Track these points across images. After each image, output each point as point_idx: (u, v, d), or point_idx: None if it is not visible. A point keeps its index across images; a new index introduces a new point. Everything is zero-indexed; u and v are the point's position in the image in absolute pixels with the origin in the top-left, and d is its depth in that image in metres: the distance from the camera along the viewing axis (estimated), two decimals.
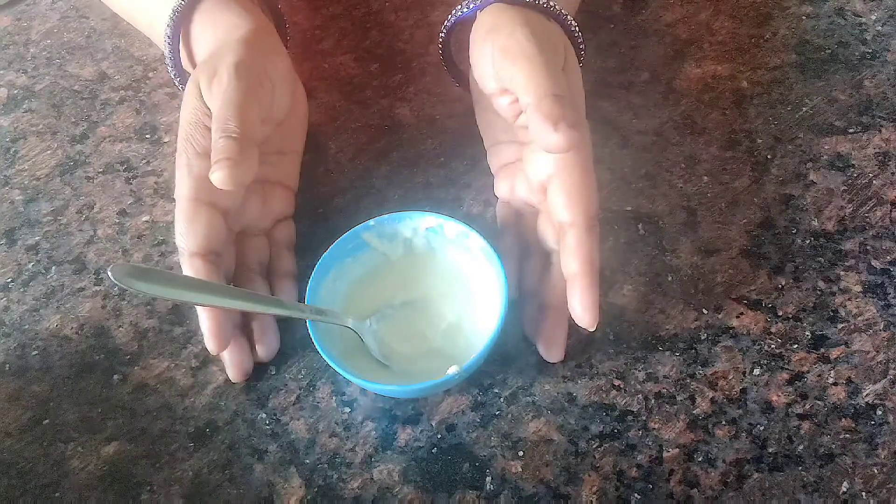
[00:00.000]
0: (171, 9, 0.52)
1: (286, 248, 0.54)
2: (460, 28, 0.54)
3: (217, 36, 0.52)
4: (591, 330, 0.46)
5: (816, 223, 0.54)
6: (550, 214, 0.49)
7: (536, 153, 0.49)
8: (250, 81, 0.49)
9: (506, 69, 0.47)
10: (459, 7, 0.53)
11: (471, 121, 0.56)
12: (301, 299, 0.50)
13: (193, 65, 0.54)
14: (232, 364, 0.49)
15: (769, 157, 0.57)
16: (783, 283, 0.51)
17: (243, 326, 0.50)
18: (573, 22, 0.52)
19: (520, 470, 0.46)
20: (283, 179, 0.55)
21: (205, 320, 0.47)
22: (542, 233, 0.51)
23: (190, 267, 0.48)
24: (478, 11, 0.51)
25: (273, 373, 0.50)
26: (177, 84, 0.56)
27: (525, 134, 0.51)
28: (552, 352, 0.48)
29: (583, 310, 0.45)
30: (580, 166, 0.47)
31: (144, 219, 0.58)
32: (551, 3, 0.50)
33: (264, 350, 0.50)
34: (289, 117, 0.54)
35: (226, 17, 0.52)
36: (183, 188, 0.48)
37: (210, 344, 0.47)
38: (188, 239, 0.48)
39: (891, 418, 0.46)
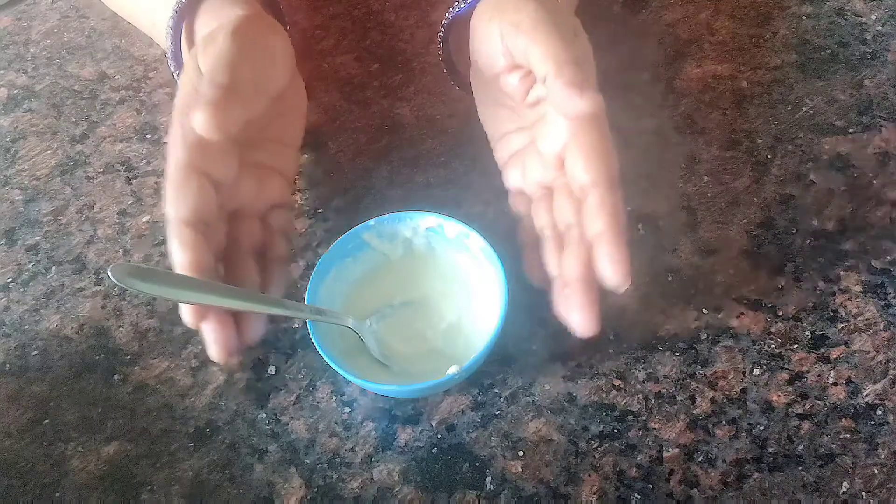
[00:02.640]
0: (174, 3, 0.52)
1: (280, 233, 0.52)
2: (458, 26, 0.54)
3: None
4: (622, 291, 0.43)
5: (816, 223, 0.54)
6: (570, 181, 0.47)
7: (549, 125, 0.48)
8: (245, 43, 0.48)
9: (518, 42, 0.47)
10: (458, 2, 0.53)
11: (472, 120, 0.56)
12: (300, 298, 0.50)
13: None
14: (213, 342, 0.45)
15: (769, 157, 0.57)
16: (783, 283, 0.51)
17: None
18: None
19: (520, 470, 0.46)
20: (281, 168, 0.54)
21: None
22: (559, 209, 0.49)
23: (177, 235, 0.45)
24: (476, 5, 0.51)
25: (273, 373, 0.50)
26: (177, 80, 0.56)
27: (534, 114, 0.50)
28: (586, 323, 0.44)
29: (613, 266, 0.43)
30: (597, 129, 0.46)
31: (144, 219, 0.58)
32: None
33: (250, 331, 0.47)
34: (289, 108, 0.54)
35: (228, 11, 0.52)
36: (175, 155, 0.46)
37: (186, 316, 0.45)
38: (177, 205, 0.45)
39: (891, 418, 0.46)
